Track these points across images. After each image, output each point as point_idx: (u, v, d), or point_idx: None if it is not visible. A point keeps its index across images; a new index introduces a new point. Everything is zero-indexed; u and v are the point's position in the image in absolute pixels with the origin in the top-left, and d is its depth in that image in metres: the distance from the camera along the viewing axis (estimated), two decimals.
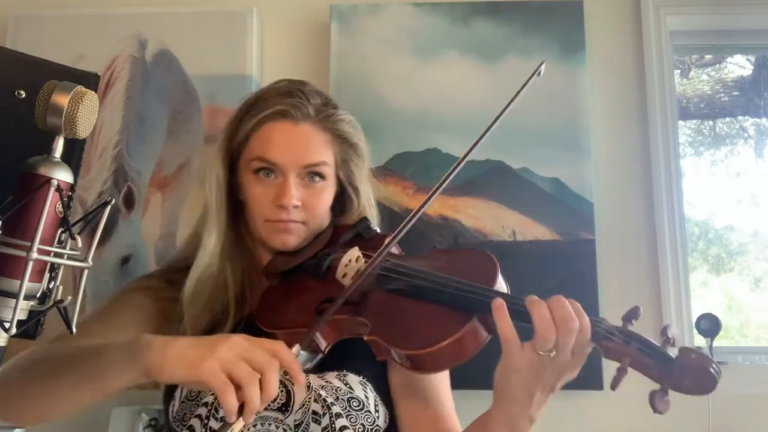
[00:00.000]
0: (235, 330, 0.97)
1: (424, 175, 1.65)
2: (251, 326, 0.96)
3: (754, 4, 1.80)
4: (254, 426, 0.90)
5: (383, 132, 1.68)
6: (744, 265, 1.92)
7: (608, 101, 1.75)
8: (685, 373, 0.70)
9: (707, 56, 2.02)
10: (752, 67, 1.98)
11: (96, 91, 0.63)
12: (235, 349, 0.70)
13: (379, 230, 1.04)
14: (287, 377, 0.90)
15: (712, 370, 0.70)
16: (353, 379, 0.94)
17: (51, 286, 0.63)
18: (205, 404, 0.92)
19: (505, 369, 0.75)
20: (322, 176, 1.01)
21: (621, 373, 0.73)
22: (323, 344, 0.86)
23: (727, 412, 1.55)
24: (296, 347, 0.76)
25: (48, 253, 0.59)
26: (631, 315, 0.74)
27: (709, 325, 1.59)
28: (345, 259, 0.94)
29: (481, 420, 0.84)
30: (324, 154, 1.01)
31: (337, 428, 0.90)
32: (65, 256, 0.61)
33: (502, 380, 0.77)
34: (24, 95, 0.66)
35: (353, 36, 1.73)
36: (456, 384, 1.04)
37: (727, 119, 2.01)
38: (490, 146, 1.67)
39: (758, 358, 1.74)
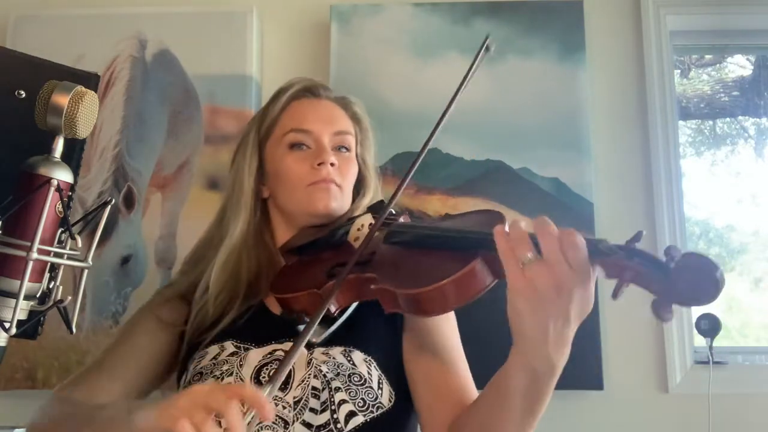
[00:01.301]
0: (243, 315, 1.01)
1: (424, 175, 1.65)
2: (261, 311, 1.02)
3: (754, 4, 1.80)
4: None
5: (383, 132, 1.66)
6: (745, 264, 1.92)
7: (608, 101, 1.75)
8: (683, 277, 0.63)
9: (707, 56, 2.01)
10: (752, 67, 1.98)
11: (96, 91, 0.63)
12: (192, 398, 0.71)
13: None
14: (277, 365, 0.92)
15: (715, 273, 0.61)
16: (358, 356, 0.94)
17: (51, 286, 0.63)
18: None
19: (511, 298, 0.71)
20: (347, 148, 1.09)
21: (621, 283, 0.69)
22: (333, 307, 0.88)
23: (727, 412, 1.55)
24: (269, 387, 0.75)
25: (48, 253, 0.59)
26: (635, 239, 0.69)
27: (709, 325, 1.59)
28: (357, 224, 0.98)
29: (501, 369, 0.80)
30: (349, 125, 1.11)
31: (336, 402, 0.89)
32: (65, 256, 0.61)
33: (511, 313, 0.72)
34: (24, 95, 0.66)
35: (353, 36, 1.73)
36: None
37: (727, 119, 2.01)
38: (490, 146, 1.67)
39: (758, 358, 1.74)
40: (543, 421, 0.81)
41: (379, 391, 0.93)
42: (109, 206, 0.65)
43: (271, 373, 0.91)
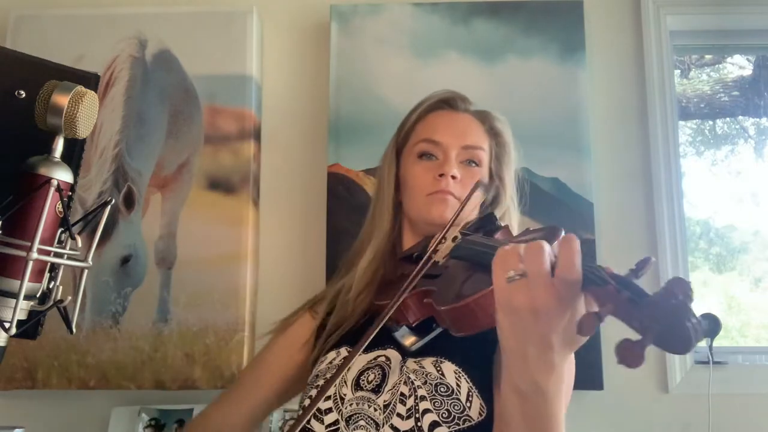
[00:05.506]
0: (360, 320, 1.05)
1: None
2: (373, 318, 1.02)
3: (754, 4, 1.80)
4: (350, 405, 0.93)
5: (383, 132, 1.67)
6: (745, 264, 1.92)
7: (608, 101, 1.75)
8: (659, 318, 0.56)
9: (707, 56, 2.01)
10: (752, 67, 1.98)
11: (96, 91, 0.63)
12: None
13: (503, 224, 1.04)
14: (387, 362, 0.97)
15: (687, 323, 0.56)
16: (448, 366, 0.93)
17: (51, 286, 0.63)
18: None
19: (497, 311, 0.68)
20: (477, 163, 1.09)
21: (596, 319, 0.58)
22: (412, 318, 0.90)
23: (727, 412, 1.55)
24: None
25: (48, 253, 0.59)
26: (641, 266, 0.61)
27: (709, 325, 1.59)
28: (449, 237, 0.98)
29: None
30: (482, 140, 1.10)
31: (420, 410, 0.90)
32: (65, 256, 0.61)
33: (498, 328, 0.70)
34: (24, 95, 0.66)
35: (353, 36, 1.73)
36: None
37: (727, 119, 2.01)
38: None
39: (758, 358, 1.74)
40: None
41: (468, 404, 0.90)
42: (109, 206, 0.65)
43: (369, 378, 0.96)
